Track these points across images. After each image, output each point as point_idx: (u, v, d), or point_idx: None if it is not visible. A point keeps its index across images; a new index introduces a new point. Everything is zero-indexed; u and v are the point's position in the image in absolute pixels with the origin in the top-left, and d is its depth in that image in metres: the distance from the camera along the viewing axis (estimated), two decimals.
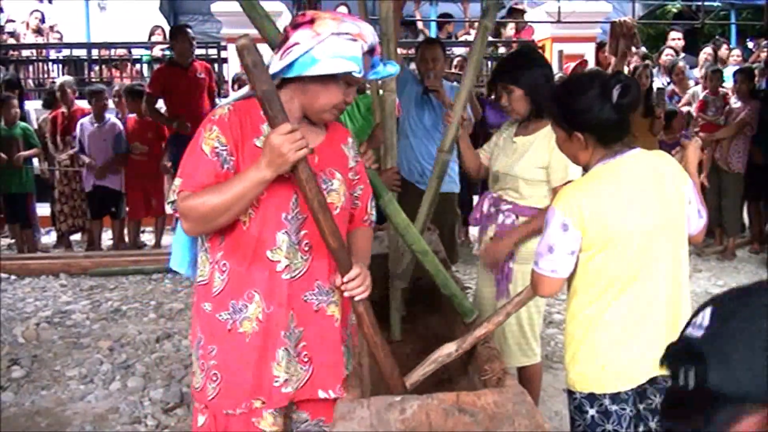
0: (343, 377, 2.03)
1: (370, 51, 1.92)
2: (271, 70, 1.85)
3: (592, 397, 2.14)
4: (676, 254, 2.14)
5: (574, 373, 2.17)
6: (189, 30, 6.84)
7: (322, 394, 1.99)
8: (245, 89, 2.01)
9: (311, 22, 1.84)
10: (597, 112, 2.09)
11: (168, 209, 1.91)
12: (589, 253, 2.09)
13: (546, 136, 2.95)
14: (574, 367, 2.16)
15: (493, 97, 5.44)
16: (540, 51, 6.67)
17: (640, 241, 2.07)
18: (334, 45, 1.81)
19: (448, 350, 2.36)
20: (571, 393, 2.21)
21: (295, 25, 1.87)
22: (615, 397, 2.13)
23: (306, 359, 1.97)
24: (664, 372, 2.09)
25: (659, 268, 2.11)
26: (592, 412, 2.16)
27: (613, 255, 2.07)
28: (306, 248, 1.95)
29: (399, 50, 10.19)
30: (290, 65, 1.84)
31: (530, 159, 2.97)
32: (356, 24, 1.87)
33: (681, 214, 2.15)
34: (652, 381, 2.16)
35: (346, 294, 1.93)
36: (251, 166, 1.81)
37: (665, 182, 2.13)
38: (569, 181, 2.88)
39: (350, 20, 1.88)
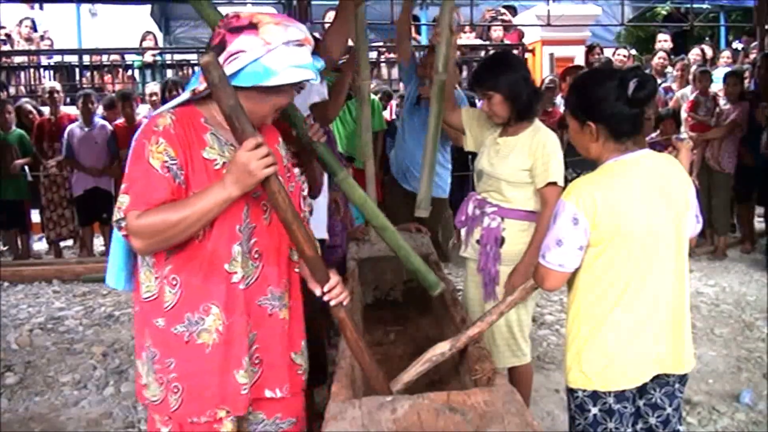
0: (293, 376, 2.05)
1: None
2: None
3: (595, 396, 2.15)
4: (680, 255, 2.17)
5: (577, 372, 2.17)
6: None
7: (268, 394, 2.01)
8: (184, 95, 1.92)
9: (254, 27, 1.79)
10: (612, 103, 2.11)
11: (115, 228, 1.86)
12: (597, 249, 2.10)
13: (528, 137, 3.00)
14: (579, 365, 2.16)
15: None
16: (517, 54, 6.72)
17: (648, 239, 2.09)
18: (286, 54, 1.78)
19: (442, 349, 2.37)
20: (572, 391, 2.21)
21: (232, 29, 1.81)
22: (619, 396, 2.15)
23: (257, 361, 1.99)
24: (668, 370, 2.12)
25: (664, 268, 2.13)
26: (594, 410, 2.17)
27: (620, 252, 2.08)
28: (256, 255, 1.95)
29: (388, 54, 10.23)
30: (237, 73, 1.78)
31: (513, 161, 3.00)
32: (298, 28, 1.84)
33: (684, 217, 2.18)
34: (654, 377, 2.18)
35: (332, 303, 1.95)
36: (215, 184, 1.77)
37: (672, 184, 2.16)
38: (552, 182, 2.94)
39: (292, 25, 1.84)
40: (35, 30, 10.93)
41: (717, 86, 7.53)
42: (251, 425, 2.06)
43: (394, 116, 7.56)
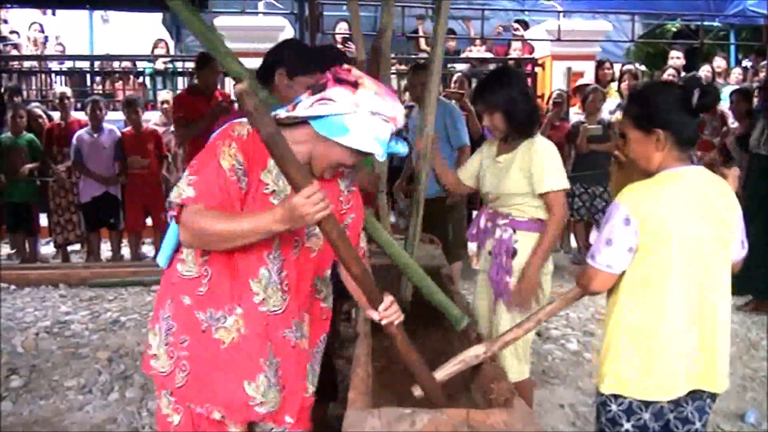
0: (303, 400, 2.12)
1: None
2: (299, 111, 1.88)
3: (630, 411, 2.17)
4: (721, 275, 2.18)
5: (613, 378, 2.18)
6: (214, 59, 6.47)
7: (288, 419, 2.09)
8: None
9: (355, 85, 1.86)
10: (679, 110, 2.17)
11: (169, 207, 1.92)
12: (641, 254, 2.12)
13: (524, 151, 3.02)
14: (616, 373, 2.17)
15: None
16: (518, 69, 6.73)
17: (690, 253, 2.11)
18: (368, 122, 1.84)
19: (476, 352, 2.39)
20: (604, 404, 2.22)
21: (338, 79, 1.88)
22: (657, 414, 2.17)
23: (281, 387, 2.05)
24: (703, 386, 2.12)
25: (705, 284, 2.14)
26: (627, 426, 2.18)
27: (663, 262, 2.11)
28: (286, 288, 2.02)
29: (399, 66, 10.25)
30: (320, 117, 1.86)
31: (515, 174, 3.03)
32: (393, 105, 1.90)
33: (728, 238, 2.19)
34: (689, 392, 2.18)
35: (384, 322, 2.02)
36: (266, 212, 1.82)
37: (720, 204, 2.18)
38: (550, 191, 2.95)
39: (389, 98, 1.90)
40: (43, 32, 11.02)
41: (725, 104, 7.52)
42: (259, 429, 2.12)
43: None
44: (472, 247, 3.29)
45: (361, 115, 1.84)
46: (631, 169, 2.35)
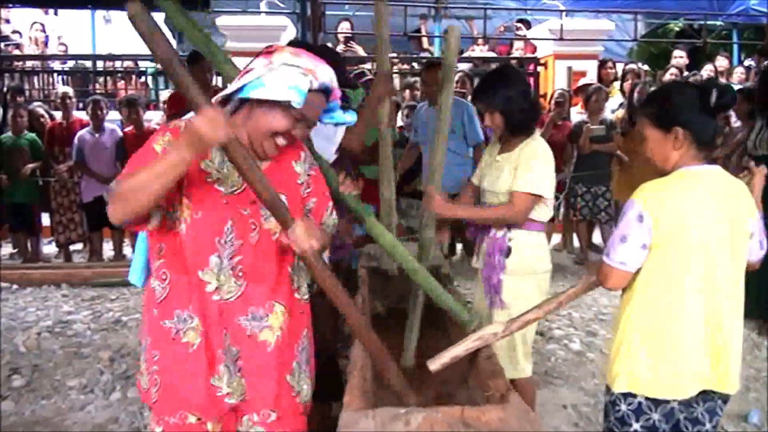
0: (286, 399, 2.07)
1: (325, 91, 1.99)
2: (226, 90, 1.95)
3: (639, 411, 2.17)
4: (734, 276, 2.18)
5: (626, 376, 2.18)
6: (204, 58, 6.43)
7: (256, 418, 2.05)
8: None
9: (270, 52, 1.94)
10: (698, 110, 2.17)
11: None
12: (655, 253, 2.13)
13: (521, 148, 3.02)
14: (629, 371, 2.18)
15: None
16: (517, 68, 6.73)
17: (708, 252, 2.12)
18: (282, 74, 1.89)
19: (494, 330, 2.40)
20: (614, 403, 2.22)
21: (257, 54, 1.97)
22: (668, 415, 2.17)
23: (244, 379, 2.03)
24: (715, 387, 2.12)
25: (717, 284, 2.14)
26: (636, 426, 2.19)
27: (677, 260, 2.11)
28: (240, 273, 1.99)
29: (401, 65, 10.23)
30: (241, 88, 1.91)
31: (508, 173, 3.03)
32: (314, 62, 1.95)
33: (744, 241, 2.20)
34: (700, 393, 2.19)
35: (296, 249, 1.94)
36: (171, 148, 1.83)
37: (735, 205, 2.18)
38: (522, 191, 2.94)
39: (310, 58, 1.96)
40: (44, 32, 11.03)
41: None
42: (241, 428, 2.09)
43: (401, 123, 7.56)
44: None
45: (274, 71, 1.89)
46: (634, 169, 2.36)
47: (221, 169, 1.97)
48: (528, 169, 2.96)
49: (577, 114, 7.84)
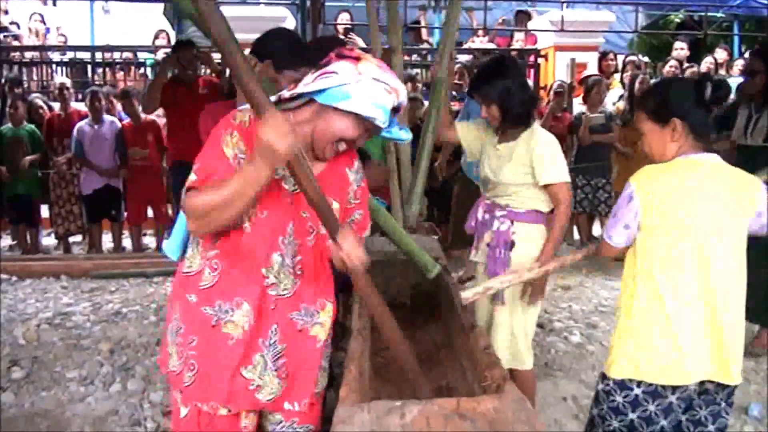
0: (312, 393, 2.10)
1: (395, 109, 1.96)
2: (303, 88, 1.89)
3: (635, 402, 2.20)
4: (732, 263, 2.20)
5: (616, 363, 2.23)
6: (193, 45, 6.22)
7: (287, 406, 2.07)
8: (271, 98, 1.94)
9: (357, 59, 1.89)
10: (694, 102, 2.24)
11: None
12: (650, 239, 2.18)
13: (525, 142, 3.02)
14: (617, 356, 2.23)
15: None
16: (514, 59, 6.74)
17: (704, 238, 2.14)
18: (370, 89, 1.85)
19: (530, 266, 2.74)
20: (609, 395, 2.25)
21: (340, 55, 1.90)
22: (666, 409, 2.18)
23: (284, 375, 2.04)
24: (713, 377, 2.14)
25: (712, 272, 2.16)
26: (632, 416, 2.21)
27: (671, 246, 2.15)
28: (299, 272, 2.02)
29: (404, 57, 10.23)
30: (323, 90, 1.86)
31: (515, 164, 3.03)
32: (395, 79, 1.93)
33: (741, 231, 2.21)
34: (702, 393, 2.20)
35: (348, 261, 1.92)
36: (247, 165, 1.80)
37: (732, 193, 2.20)
38: (553, 183, 2.96)
39: (391, 74, 1.93)
40: (44, 23, 10.98)
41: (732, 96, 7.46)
42: (270, 425, 2.12)
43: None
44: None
45: (363, 82, 1.85)
46: (634, 161, 2.39)
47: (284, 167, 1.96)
48: (552, 159, 2.98)
49: (579, 105, 7.83)
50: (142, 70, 10.29)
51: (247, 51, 1.98)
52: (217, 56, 6.15)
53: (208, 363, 1.98)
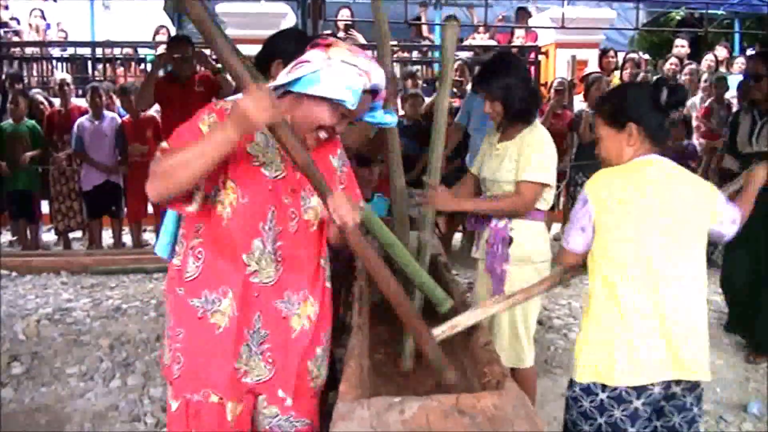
0: (302, 383, 2.10)
1: (373, 92, 1.99)
2: (279, 79, 1.94)
3: (601, 408, 2.18)
4: (687, 263, 2.19)
5: (578, 366, 2.22)
6: (189, 41, 6.16)
7: (281, 393, 2.08)
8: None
9: (328, 45, 1.93)
10: (649, 106, 2.25)
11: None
12: (600, 238, 2.18)
13: (523, 137, 3.01)
14: (579, 360, 2.23)
15: None
16: (518, 56, 6.74)
17: (647, 237, 2.14)
18: (340, 71, 1.89)
19: (495, 302, 2.58)
20: (576, 401, 2.24)
21: (313, 45, 1.97)
22: (631, 414, 2.16)
23: (270, 360, 2.05)
24: (677, 376, 2.12)
25: (662, 269, 2.14)
26: (600, 420, 2.19)
27: (619, 244, 2.15)
28: (279, 259, 2.02)
29: (401, 53, 10.19)
30: (297, 80, 1.91)
31: (509, 162, 3.03)
32: (369, 62, 1.96)
33: (696, 233, 2.20)
34: (670, 398, 2.19)
35: (337, 219, 1.92)
36: (216, 127, 1.84)
37: (688, 192, 2.20)
38: (527, 180, 2.96)
39: (365, 58, 1.96)
40: (44, 19, 10.97)
41: (731, 93, 7.47)
42: (266, 419, 2.11)
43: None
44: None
45: (333, 66, 1.89)
46: None
47: (266, 153, 1.99)
48: (533, 158, 2.96)
49: (579, 103, 7.82)
50: (142, 66, 10.27)
51: (251, 48, 2.01)
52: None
53: (195, 354, 1.99)
